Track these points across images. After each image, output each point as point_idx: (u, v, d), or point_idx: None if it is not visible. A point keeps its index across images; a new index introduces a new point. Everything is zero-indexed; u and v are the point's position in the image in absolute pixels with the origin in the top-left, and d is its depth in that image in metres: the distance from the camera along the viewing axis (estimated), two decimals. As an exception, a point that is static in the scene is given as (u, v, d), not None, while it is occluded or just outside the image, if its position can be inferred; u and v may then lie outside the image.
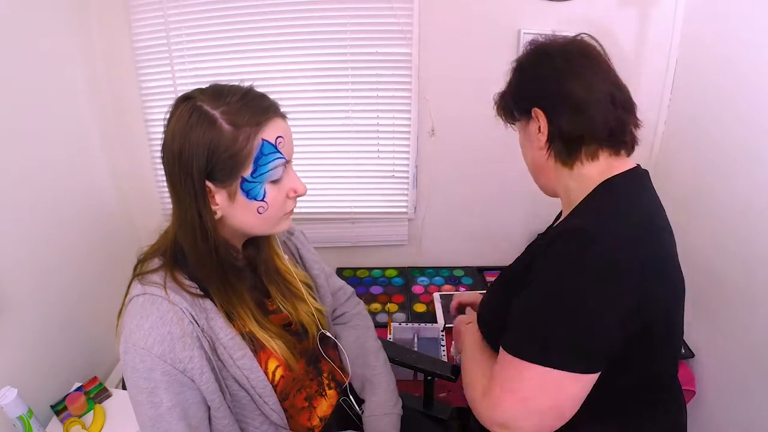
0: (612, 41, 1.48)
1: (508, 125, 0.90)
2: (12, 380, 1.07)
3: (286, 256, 0.89)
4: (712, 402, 1.32)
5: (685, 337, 1.43)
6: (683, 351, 1.39)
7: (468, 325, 0.97)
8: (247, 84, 0.73)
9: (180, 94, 0.71)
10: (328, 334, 0.92)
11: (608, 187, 0.76)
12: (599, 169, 0.77)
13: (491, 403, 0.71)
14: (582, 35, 0.82)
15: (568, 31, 1.21)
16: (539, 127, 0.79)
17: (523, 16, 1.46)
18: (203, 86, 0.72)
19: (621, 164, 0.78)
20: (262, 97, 0.72)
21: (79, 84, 1.44)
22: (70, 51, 1.40)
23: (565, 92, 0.75)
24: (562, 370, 0.65)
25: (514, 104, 0.85)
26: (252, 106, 0.69)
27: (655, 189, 0.81)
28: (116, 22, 1.47)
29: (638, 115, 0.81)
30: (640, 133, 0.84)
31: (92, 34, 1.47)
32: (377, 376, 0.96)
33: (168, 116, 0.70)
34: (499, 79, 0.97)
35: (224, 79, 0.74)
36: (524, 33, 1.46)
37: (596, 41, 0.82)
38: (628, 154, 0.81)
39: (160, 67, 1.53)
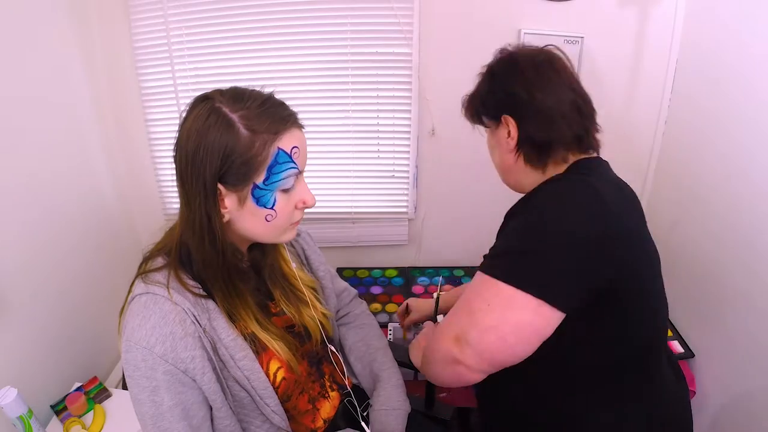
0: (612, 41, 1.49)
1: (475, 126, 0.96)
2: (12, 380, 1.07)
3: (294, 264, 0.89)
4: (712, 402, 1.32)
5: (685, 337, 1.44)
6: (683, 351, 1.39)
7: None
8: (268, 90, 0.73)
9: (198, 94, 0.71)
10: (332, 348, 0.92)
11: (577, 165, 0.83)
12: (566, 166, 0.84)
13: (448, 318, 0.77)
14: (549, 46, 0.87)
15: (568, 31, 1.22)
16: (509, 132, 0.83)
17: (523, 16, 1.46)
18: (207, 86, 0.72)
19: (585, 157, 0.85)
20: (282, 105, 0.72)
21: (79, 84, 1.44)
22: (70, 51, 1.40)
23: (535, 102, 0.80)
24: (511, 285, 0.69)
25: (483, 108, 0.90)
26: (271, 114, 0.69)
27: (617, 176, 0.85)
28: (116, 22, 1.47)
29: (638, 115, 0.85)
30: (641, 134, 0.86)
31: (92, 34, 1.47)
32: (386, 372, 0.96)
33: (184, 114, 0.70)
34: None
35: (224, 79, 0.74)
36: (524, 33, 1.46)
37: (562, 52, 0.87)
38: (596, 153, 0.87)
39: (160, 67, 1.53)
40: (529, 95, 0.80)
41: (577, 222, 0.70)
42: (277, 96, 0.74)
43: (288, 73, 1.54)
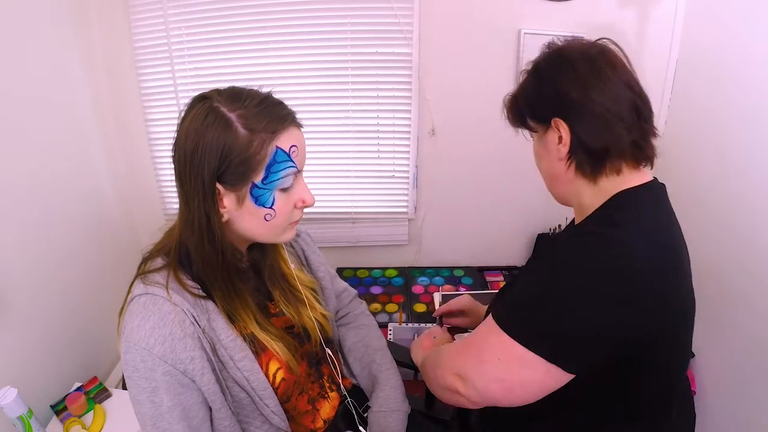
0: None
1: (519, 130, 0.85)
2: (12, 380, 1.07)
3: (293, 265, 0.89)
4: (712, 402, 1.32)
5: (685, 337, 1.44)
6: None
7: (435, 339, 1.02)
8: (266, 89, 0.72)
9: (197, 93, 0.71)
10: (328, 352, 0.92)
11: (623, 198, 0.73)
12: (618, 182, 0.74)
13: (456, 354, 0.75)
14: (603, 39, 0.78)
15: (568, 31, 1.21)
16: (560, 137, 0.75)
17: (523, 16, 1.46)
18: (207, 86, 0.72)
19: (639, 177, 0.75)
20: (281, 104, 0.72)
21: (79, 84, 1.44)
22: (70, 51, 1.40)
23: (590, 103, 0.71)
24: (524, 346, 0.66)
25: (529, 111, 0.80)
26: (269, 113, 0.68)
27: (670, 203, 0.78)
28: (116, 22, 1.47)
29: None
30: None
31: (92, 34, 1.47)
32: (385, 373, 0.96)
33: (183, 114, 0.70)
34: (499, 78, 0.96)
35: (224, 79, 0.74)
36: (524, 33, 1.46)
37: (618, 46, 0.77)
38: (649, 167, 0.78)
39: (160, 67, 1.53)
40: (583, 95, 0.72)
41: (592, 287, 0.64)
42: (278, 96, 0.74)
43: (288, 73, 1.54)
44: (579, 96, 0.72)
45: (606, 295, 0.64)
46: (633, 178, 0.74)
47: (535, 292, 0.70)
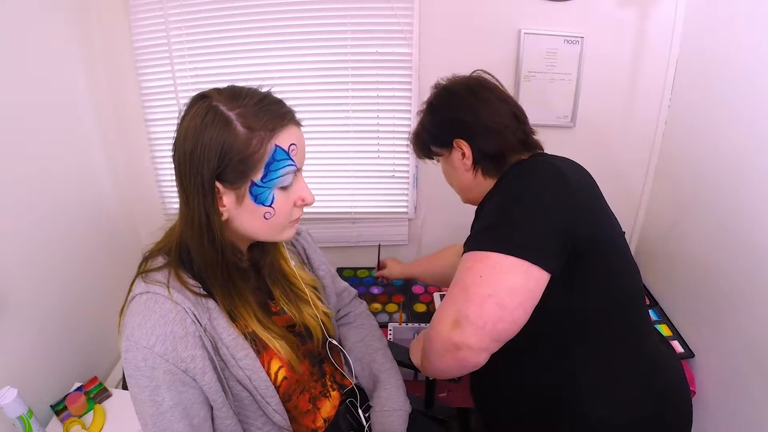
0: (612, 41, 1.49)
1: (425, 160, 1.05)
2: (12, 380, 1.07)
3: (293, 262, 0.89)
4: (712, 402, 1.32)
5: (685, 337, 1.44)
6: (683, 351, 1.40)
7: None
8: (265, 88, 0.73)
9: (197, 93, 0.71)
10: (335, 342, 0.92)
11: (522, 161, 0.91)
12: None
13: (443, 304, 0.78)
14: (477, 71, 0.98)
15: (568, 31, 1.23)
16: (462, 153, 0.93)
17: (523, 16, 1.46)
18: (207, 86, 0.72)
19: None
20: (280, 103, 0.72)
21: (79, 84, 1.44)
22: (70, 51, 1.40)
23: (480, 121, 0.90)
24: (499, 252, 0.73)
25: (432, 140, 0.99)
26: (269, 111, 0.69)
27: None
28: (116, 22, 1.47)
29: (638, 114, 0.89)
30: (641, 133, 0.89)
31: (92, 34, 1.47)
32: (386, 373, 0.96)
33: (182, 114, 0.70)
34: (499, 78, 0.98)
35: (224, 79, 0.74)
36: (524, 33, 1.46)
37: (489, 74, 0.98)
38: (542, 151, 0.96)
39: (160, 67, 1.53)
40: (473, 116, 0.90)
41: (546, 189, 0.78)
42: (278, 96, 0.74)
43: (288, 73, 1.54)
44: (470, 117, 0.91)
45: (556, 197, 0.77)
46: None
47: (492, 214, 0.80)
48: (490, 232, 0.78)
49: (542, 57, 1.49)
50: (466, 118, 0.91)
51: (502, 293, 0.72)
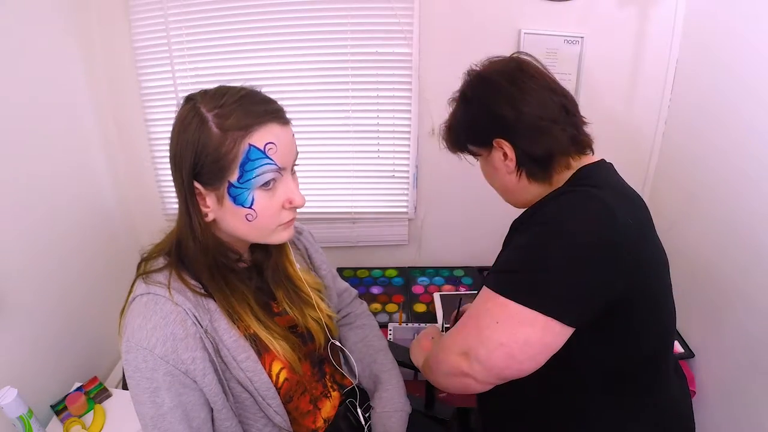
0: (612, 41, 1.49)
1: (460, 155, 0.91)
2: (12, 380, 1.07)
3: (298, 265, 0.89)
4: (712, 402, 1.32)
5: (685, 337, 1.44)
6: (683, 351, 1.39)
7: (433, 339, 1.01)
8: (253, 86, 0.72)
9: (185, 95, 0.72)
10: (338, 344, 0.91)
11: (585, 171, 0.78)
12: (571, 172, 0.80)
13: (456, 329, 0.75)
14: (517, 53, 0.84)
15: (568, 31, 1.20)
16: (504, 154, 0.80)
17: (523, 16, 1.46)
18: (207, 86, 0.72)
19: (588, 160, 0.81)
20: (261, 101, 0.70)
21: (79, 84, 1.44)
22: (70, 51, 1.40)
23: (523, 117, 0.76)
24: (519, 303, 0.67)
25: (467, 138, 0.85)
26: (245, 110, 0.67)
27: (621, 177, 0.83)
28: (116, 22, 1.47)
29: (638, 115, 0.83)
30: (641, 134, 0.85)
31: (92, 34, 1.47)
32: (387, 373, 0.96)
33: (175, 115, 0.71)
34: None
35: (224, 79, 0.74)
36: (524, 33, 1.46)
37: (530, 56, 0.83)
38: (593, 152, 0.83)
39: (160, 67, 1.53)
40: (515, 112, 0.76)
41: (585, 236, 0.67)
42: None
43: (288, 73, 1.53)
44: (511, 113, 0.76)
45: (595, 247, 0.66)
46: (584, 162, 0.80)
47: (523, 253, 0.72)
48: (514, 277, 0.70)
49: (542, 57, 1.45)
50: (507, 114, 0.76)
51: (514, 345, 0.68)
